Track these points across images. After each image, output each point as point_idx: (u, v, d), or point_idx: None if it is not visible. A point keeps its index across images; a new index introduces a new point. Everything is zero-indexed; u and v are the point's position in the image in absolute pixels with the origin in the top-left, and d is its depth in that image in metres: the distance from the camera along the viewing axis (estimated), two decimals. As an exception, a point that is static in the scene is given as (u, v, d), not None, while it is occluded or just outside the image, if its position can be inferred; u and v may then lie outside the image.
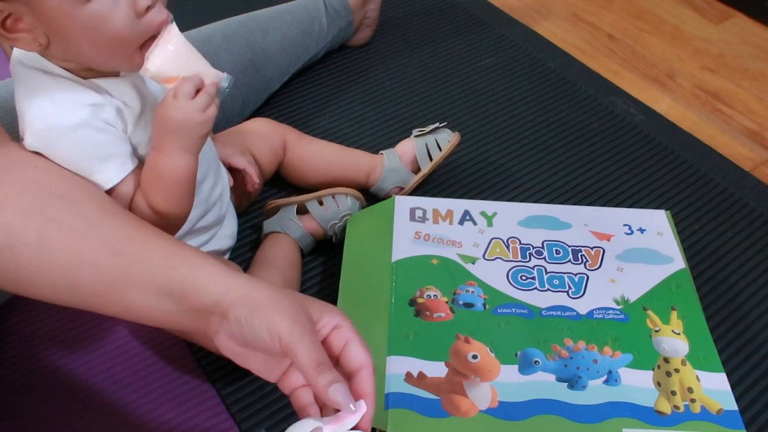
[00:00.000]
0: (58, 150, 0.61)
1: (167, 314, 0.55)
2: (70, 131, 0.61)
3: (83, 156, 0.62)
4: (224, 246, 0.84)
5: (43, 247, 0.56)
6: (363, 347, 0.53)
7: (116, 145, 0.64)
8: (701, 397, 0.70)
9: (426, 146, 0.95)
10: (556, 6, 1.41)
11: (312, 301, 0.55)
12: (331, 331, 0.54)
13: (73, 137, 0.61)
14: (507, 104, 1.15)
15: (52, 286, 0.57)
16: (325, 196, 0.89)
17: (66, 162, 0.62)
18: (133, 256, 0.56)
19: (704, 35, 1.35)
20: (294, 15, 1.12)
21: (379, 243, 0.84)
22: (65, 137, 0.61)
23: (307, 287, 0.87)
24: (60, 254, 0.56)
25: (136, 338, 0.81)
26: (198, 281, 0.54)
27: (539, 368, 0.72)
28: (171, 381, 0.77)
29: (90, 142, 0.62)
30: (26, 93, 0.61)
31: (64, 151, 0.61)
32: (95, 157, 0.62)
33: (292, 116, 1.10)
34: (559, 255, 0.83)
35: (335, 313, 0.54)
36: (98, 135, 0.62)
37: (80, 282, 0.56)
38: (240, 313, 0.51)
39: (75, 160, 0.62)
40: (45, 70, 0.61)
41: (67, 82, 0.61)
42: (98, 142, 0.62)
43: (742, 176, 1.05)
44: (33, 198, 0.58)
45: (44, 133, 0.61)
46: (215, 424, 0.74)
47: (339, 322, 0.54)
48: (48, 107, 0.61)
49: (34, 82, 0.61)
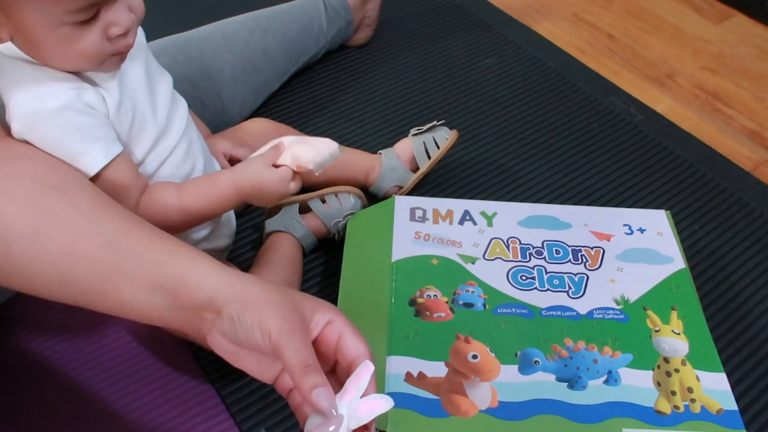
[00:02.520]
0: (43, 134, 0.61)
1: (159, 310, 0.54)
2: (54, 114, 0.61)
3: (68, 138, 0.62)
4: (222, 245, 0.83)
5: (37, 239, 0.55)
6: (357, 338, 0.53)
7: (100, 128, 0.64)
8: (701, 397, 0.70)
9: (424, 144, 0.95)
10: (556, 6, 1.41)
11: (305, 298, 0.54)
12: (325, 327, 0.53)
13: (57, 120, 0.61)
14: (507, 104, 1.15)
15: (45, 280, 0.57)
16: (328, 194, 0.89)
17: (51, 145, 0.62)
18: (127, 249, 0.55)
19: (704, 35, 1.35)
20: (294, 15, 1.12)
21: (379, 243, 0.84)
22: (49, 120, 0.61)
23: (307, 287, 0.87)
24: (53, 246, 0.55)
25: (135, 338, 0.81)
26: (192, 277, 0.53)
27: (539, 368, 0.72)
28: (171, 381, 0.77)
29: (74, 124, 0.62)
30: (9, 82, 0.62)
31: (50, 134, 0.62)
32: (80, 139, 0.62)
33: (292, 116, 1.10)
34: (559, 255, 0.83)
35: (328, 308, 0.54)
36: (82, 117, 0.62)
37: (73, 275, 0.56)
38: (233, 310, 0.51)
39: (60, 143, 0.62)
40: (27, 59, 0.61)
41: (48, 69, 0.62)
42: (82, 124, 0.62)
43: (742, 176, 1.05)
44: (28, 190, 0.57)
45: (28, 117, 0.61)
46: (215, 424, 0.74)
47: (331, 317, 0.53)
48: (31, 92, 0.61)
49: (16, 70, 0.61)
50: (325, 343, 0.53)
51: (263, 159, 0.72)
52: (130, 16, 0.60)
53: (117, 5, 0.59)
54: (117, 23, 0.59)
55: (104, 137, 0.64)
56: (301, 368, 0.49)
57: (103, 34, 0.59)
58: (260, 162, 0.71)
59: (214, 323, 0.52)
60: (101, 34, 0.59)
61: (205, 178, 0.72)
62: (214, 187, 0.70)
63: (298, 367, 0.49)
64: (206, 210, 0.71)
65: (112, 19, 0.59)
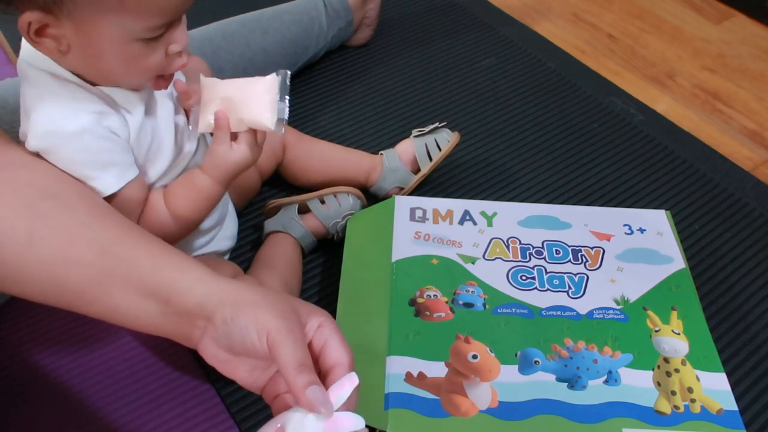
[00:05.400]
0: (59, 154, 0.61)
1: (151, 317, 0.55)
2: (73, 137, 0.61)
3: (83, 162, 0.62)
4: (224, 247, 0.83)
5: (32, 245, 0.56)
6: (343, 346, 0.53)
7: (117, 154, 0.64)
8: (701, 397, 0.70)
9: (426, 146, 0.95)
10: (556, 6, 1.41)
11: (301, 302, 0.55)
12: (315, 332, 0.53)
13: (75, 143, 0.61)
14: (507, 104, 1.15)
15: (39, 285, 0.57)
16: (327, 194, 0.89)
17: (66, 166, 0.62)
18: (120, 255, 0.55)
19: (704, 35, 1.35)
20: (294, 15, 1.12)
21: (379, 243, 0.84)
22: (67, 142, 0.61)
23: (307, 287, 0.87)
24: (47, 252, 0.56)
25: (135, 338, 0.81)
26: (183, 283, 0.54)
27: (539, 368, 0.72)
28: (171, 381, 0.77)
29: (91, 148, 0.62)
30: (32, 94, 0.62)
31: (65, 156, 0.61)
32: (95, 164, 0.62)
33: (292, 116, 1.10)
34: (559, 255, 0.83)
35: (320, 313, 0.54)
36: (100, 142, 0.62)
37: (66, 280, 0.56)
38: (226, 313, 0.51)
39: (75, 166, 0.62)
40: (53, 73, 0.61)
41: (74, 87, 0.61)
42: (100, 150, 0.62)
43: (742, 176, 1.05)
44: (25, 197, 0.58)
45: (46, 136, 0.61)
46: (215, 424, 0.74)
47: (322, 321, 0.53)
48: (52, 111, 0.61)
49: (41, 84, 0.61)
50: (312, 347, 0.53)
51: (219, 142, 0.67)
52: (187, 34, 0.61)
53: (180, 25, 0.60)
54: (178, 41, 0.60)
55: (121, 162, 0.64)
56: (297, 366, 0.49)
57: (164, 51, 0.60)
58: (220, 148, 0.67)
59: (206, 330, 0.52)
60: (164, 51, 0.60)
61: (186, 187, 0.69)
62: (197, 191, 0.69)
63: (294, 365, 0.49)
64: (201, 212, 0.71)
65: (174, 37, 0.60)
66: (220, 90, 0.66)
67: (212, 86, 0.66)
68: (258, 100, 0.65)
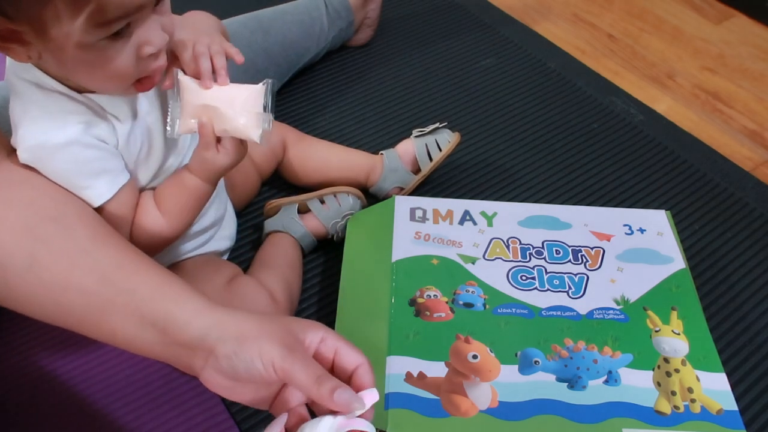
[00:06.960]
0: (49, 166, 0.61)
1: (150, 346, 0.55)
2: (61, 148, 0.60)
3: (74, 172, 0.62)
4: (222, 247, 0.84)
5: (33, 269, 0.56)
6: (354, 349, 0.54)
7: (107, 161, 0.63)
8: (701, 397, 0.70)
9: (426, 147, 0.95)
10: (556, 6, 1.41)
11: (293, 320, 0.55)
12: (318, 345, 0.54)
13: (63, 154, 0.60)
14: (507, 104, 1.15)
15: (42, 307, 0.58)
16: (327, 194, 0.89)
17: (57, 177, 0.61)
18: (120, 284, 0.56)
19: (704, 35, 1.35)
20: (295, 15, 1.12)
21: (380, 243, 0.84)
22: (55, 154, 0.60)
23: (307, 287, 0.87)
24: (48, 277, 0.56)
25: (136, 338, 0.81)
26: (181, 315, 0.54)
27: (539, 368, 0.72)
28: (171, 381, 0.77)
29: (80, 159, 0.61)
30: (19, 106, 0.61)
31: (55, 168, 0.61)
32: (86, 174, 0.62)
33: (292, 116, 1.10)
34: (559, 255, 0.83)
35: (317, 327, 0.55)
36: (89, 151, 0.61)
37: (68, 305, 0.56)
38: (228, 348, 0.51)
39: (66, 176, 0.61)
40: (38, 84, 0.60)
41: (59, 98, 0.60)
42: (89, 159, 0.62)
43: (742, 176, 1.05)
44: (26, 220, 0.58)
45: (34, 150, 0.60)
46: (215, 424, 0.74)
47: (323, 335, 0.54)
48: (39, 124, 0.60)
49: (26, 96, 0.60)
50: (321, 360, 0.54)
51: (204, 148, 0.65)
52: (162, 35, 0.58)
53: (149, 23, 0.56)
54: (150, 42, 0.57)
55: (111, 169, 0.64)
56: (315, 380, 0.50)
57: (135, 53, 0.57)
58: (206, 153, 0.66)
59: (207, 361, 0.52)
60: (134, 53, 0.57)
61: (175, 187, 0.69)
62: (187, 191, 0.68)
63: (312, 381, 0.50)
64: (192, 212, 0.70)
65: (145, 38, 0.56)
66: (204, 96, 0.63)
67: (195, 91, 0.64)
68: (242, 110, 0.63)
